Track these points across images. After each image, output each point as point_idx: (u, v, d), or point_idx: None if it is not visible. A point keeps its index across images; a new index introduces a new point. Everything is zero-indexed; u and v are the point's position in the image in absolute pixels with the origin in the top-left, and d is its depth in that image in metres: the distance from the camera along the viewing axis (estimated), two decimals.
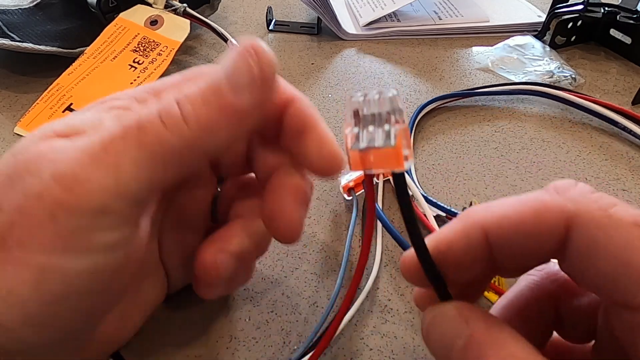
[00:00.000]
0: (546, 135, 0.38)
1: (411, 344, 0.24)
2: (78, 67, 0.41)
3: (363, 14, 0.53)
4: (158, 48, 0.41)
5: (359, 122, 0.15)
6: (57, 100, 0.39)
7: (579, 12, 0.47)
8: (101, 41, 0.42)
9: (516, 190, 0.33)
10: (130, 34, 0.42)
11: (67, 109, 0.38)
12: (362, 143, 0.15)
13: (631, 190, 0.33)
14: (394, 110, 0.15)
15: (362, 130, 0.15)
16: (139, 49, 0.41)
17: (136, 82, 0.39)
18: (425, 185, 0.33)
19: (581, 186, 0.15)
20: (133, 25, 0.43)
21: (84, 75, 0.40)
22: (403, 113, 0.15)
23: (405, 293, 0.26)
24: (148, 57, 0.41)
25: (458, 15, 0.53)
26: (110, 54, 0.41)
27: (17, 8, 0.45)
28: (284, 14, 0.56)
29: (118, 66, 0.40)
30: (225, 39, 0.41)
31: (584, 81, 0.44)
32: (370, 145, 0.14)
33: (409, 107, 0.41)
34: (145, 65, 0.40)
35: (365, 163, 0.15)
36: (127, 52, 0.41)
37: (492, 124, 0.39)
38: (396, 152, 0.14)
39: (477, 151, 0.36)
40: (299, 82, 0.44)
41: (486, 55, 0.47)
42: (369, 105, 0.15)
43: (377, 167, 0.14)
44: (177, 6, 0.43)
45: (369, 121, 0.15)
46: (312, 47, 0.50)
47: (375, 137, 0.14)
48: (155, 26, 0.42)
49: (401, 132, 0.14)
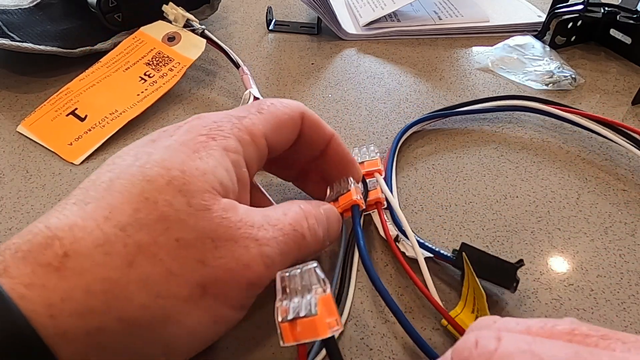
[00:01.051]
0: (546, 136, 0.38)
1: (411, 344, 0.24)
2: (91, 74, 0.41)
3: (363, 14, 0.53)
4: (171, 63, 0.41)
5: (286, 296, 0.18)
6: (63, 103, 0.39)
7: (579, 12, 0.47)
8: (118, 51, 0.42)
9: (516, 190, 0.33)
10: (147, 47, 0.43)
11: (71, 114, 0.38)
12: (290, 314, 0.17)
13: (631, 190, 0.33)
14: (318, 280, 0.17)
15: (289, 303, 0.17)
16: (152, 62, 0.42)
17: (143, 94, 0.40)
18: (425, 185, 0.33)
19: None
20: (151, 39, 0.43)
21: (94, 82, 0.40)
22: (327, 283, 0.17)
23: (405, 293, 0.26)
24: (160, 71, 0.41)
25: (458, 15, 0.53)
26: (123, 65, 0.42)
27: (17, 8, 0.45)
28: (284, 14, 0.56)
29: (129, 77, 0.41)
30: (238, 65, 0.42)
31: (584, 81, 0.44)
32: (295, 315, 0.16)
33: (409, 106, 0.41)
34: (155, 79, 0.40)
35: (295, 335, 0.16)
36: (140, 65, 0.42)
37: (492, 124, 0.39)
38: (319, 320, 0.16)
39: (477, 151, 0.36)
40: (299, 82, 0.44)
41: (486, 55, 0.47)
42: (294, 280, 0.18)
43: (304, 337, 0.16)
44: (197, 27, 0.43)
45: (294, 294, 0.17)
46: (312, 47, 0.50)
47: (300, 308, 0.16)
48: (172, 42, 0.43)
49: (322, 300, 0.16)
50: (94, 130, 0.37)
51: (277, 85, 0.44)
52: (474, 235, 0.30)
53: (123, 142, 0.37)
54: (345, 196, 0.24)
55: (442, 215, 0.31)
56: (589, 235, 0.30)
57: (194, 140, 0.20)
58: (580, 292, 0.27)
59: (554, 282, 0.27)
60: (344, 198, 0.24)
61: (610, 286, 0.27)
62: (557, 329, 0.14)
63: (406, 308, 0.25)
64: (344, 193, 0.24)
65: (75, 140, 0.37)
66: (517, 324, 0.15)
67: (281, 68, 0.46)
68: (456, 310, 0.24)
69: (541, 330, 0.14)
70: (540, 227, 0.30)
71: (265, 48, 0.49)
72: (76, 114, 0.38)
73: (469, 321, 0.24)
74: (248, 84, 0.40)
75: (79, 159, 0.36)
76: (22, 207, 0.32)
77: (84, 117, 0.38)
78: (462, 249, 0.26)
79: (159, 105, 0.40)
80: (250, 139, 0.22)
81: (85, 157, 0.36)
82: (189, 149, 0.19)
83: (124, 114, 0.38)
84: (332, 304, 0.17)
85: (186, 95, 0.43)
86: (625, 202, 0.32)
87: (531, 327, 0.15)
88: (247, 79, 0.40)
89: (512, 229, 0.30)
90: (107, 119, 0.38)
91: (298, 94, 0.43)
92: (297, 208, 0.22)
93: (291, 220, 0.21)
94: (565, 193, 0.32)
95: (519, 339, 0.14)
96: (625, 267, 0.28)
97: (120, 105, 0.39)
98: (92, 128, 0.37)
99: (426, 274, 0.26)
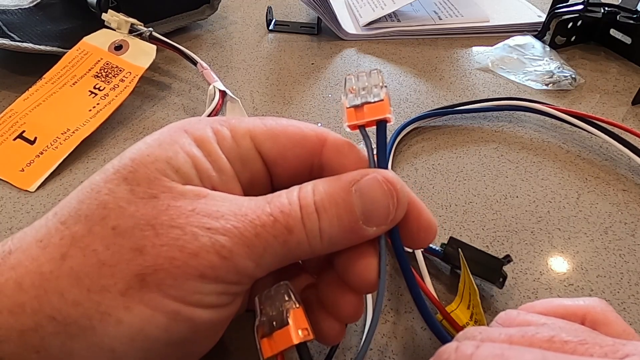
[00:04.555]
0: (546, 136, 0.38)
1: (411, 344, 0.24)
2: (35, 93, 0.38)
3: (363, 14, 0.53)
4: (121, 74, 0.39)
5: (263, 315, 0.18)
6: (9, 127, 0.36)
7: (579, 12, 0.47)
8: (61, 66, 0.40)
9: (516, 190, 0.33)
10: (93, 58, 0.40)
11: (19, 137, 0.36)
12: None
13: (631, 190, 0.33)
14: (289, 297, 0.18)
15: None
16: (100, 74, 0.39)
17: (95, 109, 0.37)
18: (425, 185, 0.33)
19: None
20: (96, 49, 0.41)
21: (40, 101, 0.38)
22: (297, 298, 0.18)
23: (405, 293, 0.26)
24: (110, 83, 0.39)
25: (458, 15, 0.53)
26: (70, 79, 0.39)
27: (17, 8, 0.45)
28: (284, 14, 0.56)
29: (77, 92, 0.38)
30: (195, 62, 0.40)
31: (584, 81, 0.44)
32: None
33: (409, 106, 0.41)
34: (107, 92, 0.38)
35: (272, 347, 0.17)
36: (88, 78, 0.39)
37: (492, 124, 0.39)
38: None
39: (477, 151, 0.36)
40: (299, 82, 0.44)
41: (486, 55, 0.47)
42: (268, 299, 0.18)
43: (280, 346, 0.17)
44: (143, 30, 0.41)
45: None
46: (312, 47, 0.50)
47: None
48: (120, 51, 0.40)
49: (293, 313, 0.17)
50: (46, 152, 0.35)
51: (277, 85, 0.44)
52: (474, 235, 0.30)
53: (80, 163, 0.35)
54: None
55: (442, 215, 0.31)
56: (589, 235, 0.30)
57: (166, 133, 0.19)
58: (580, 292, 0.27)
59: (554, 282, 0.27)
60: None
61: (610, 286, 0.27)
62: (537, 337, 0.15)
63: (407, 308, 0.26)
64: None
65: (27, 166, 0.34)
66: (499, 334, 0.16)
67: (281, 68, 0.46)
68: (452, 306, 0.25)
69: (522, 339, 0.15)
70: (540, 227, 0.30)
71: (265, 48, 0.49)
72: (24, 136, 0.36)
73: (464, 316, 0.24)
74: (210, 78, 0.38)
75: (33, 185, 0.33)
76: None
77: (33, 139, 0.35)
78: (450, 243, 0.26)
79: (117, 118, 0.38)
80: (229, 134, 0.19)
81: (40, 182, 0.33)
82: (155, 140, 0.18)
83: (77, 132, 0.36)
84: (303, 316, 0.18)
85: (146, 103, 0.41)
86: (625, 202, 0.32)
87: (512, 336, 0.16)
88: (208, 73, 0.38)
89: (512, 229, 0.30)
90: (59, 140, 0.35)
91: (298, 94, 0.43)
92: (294, 194, 0.18)
93: (273, 209, 0.17)
94: (565, 193, 0.32)
95: (495, 346, 0.15)
96: (625, 267, 0.28)
97: (71, 124, 0.36)
98: (43, 151, 0.35)
99: (423, 269, 0.26)
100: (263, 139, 0.20)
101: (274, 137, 0.20)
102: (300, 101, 0.42)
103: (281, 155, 0.20)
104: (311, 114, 0.40)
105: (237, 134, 0.19)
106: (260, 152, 0.20)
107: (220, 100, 0.37)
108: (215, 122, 0.19)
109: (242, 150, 0.19)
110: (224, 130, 0.19)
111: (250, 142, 0.19)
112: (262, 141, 0.20)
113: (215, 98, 0.37)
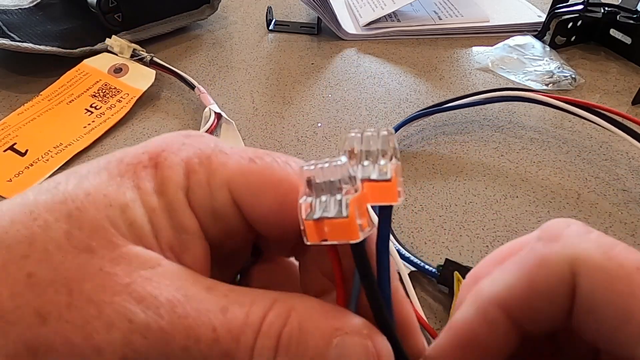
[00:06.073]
0: (546, 136, 0.38)
1: None
2: (30, 108, 0.39)
3: (363, 14, 0.53)
4: (119, 95, 0.40)
5: (312, 191, 0.14)
6: (0, 139, 0.37)
7: (579, 12, 0.47)
8: (60, 84, 0.41)
9: (516, 190, 0.33)
10: (92, 79, 0.41)
11: (10, 149, 0.36)
12: (316, 213, 0.14)
13: (631, 190, 0.33)
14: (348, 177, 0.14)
15: (315, 200, 0.14)
16: (98, 94, 0.40)
17: (90, 126, 0.38)
18: (425, 185, 0.33)
19: (574, 227, 0.14)
20: (96, 71, 0.42)
21: (34, 116, 0.38)
22: (358, 180, 0.14)
23: None
24: (107, 102, 0.39)
25: (458, 15, 0.53)
26: (67, 97, 0.40)
27: (17, 8, 0.45)
28: (284, 14, 0.56)
29: (73, 110, 0.39)
30: (193, 86, 0.41)
31: (584, 81, 0.44)
32: (322, 215, 0.14)
33: (409, 106, 0.41)
34: (103, 111, 0.39)
35: (320, 234, 0.14)
36: (85, 97, 0.40)
37: (492, 124, 0.39)
38: (349, 223, 0.13)
39: (477, 151, 0.36)
40: (299, 82, 0.44)
41: (486, 55, 0.47)
42: (322, 173, 0.14)
43: (332, 238, 0.14)
44: (144, 55, 0.42)
45: (321, 190, 0.14)
46: (312, 47, 0.50)
47: (328, 208, 0.14)
48: (120, 74, 0.41)
49: (353, 201, 0.13)
50: (37, 165, 0.35)
51: (277, 85, 0.44)
52: (474, 235, 0.30)
53: None
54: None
55: (442, 215, 0.31)
56: None
57: (135, 159, 0.15)
58: None
59: None
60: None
61: None
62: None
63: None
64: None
65: (15, 177, 0.34)
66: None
67: (281, 68, 0.46)
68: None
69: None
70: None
71: (265, 48, 0.49)
72: (15, 148, 0.36)
73: None
74: (207, 101, 0.39)
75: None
76: None
77: (24, 151, 0.36)
78: (447, 265, 0.26)
79: (111, 136, 0.38)
80: (205, 181, 0.15)
81: None
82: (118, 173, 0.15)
83: (70, 147, 0.36)
84: (364, 205, 0.14)
85: (141, 123, 0.40)
86: (625, 202, 0.32)
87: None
88: (205, 97, 0.39)
89: (512, 229, 0.30)
90: (51, 153, 0.36)
91: (298, 94, 0.43)
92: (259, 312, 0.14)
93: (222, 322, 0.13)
94: (565, 193, 0.32)
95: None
96: None
97: (65, 139, 0.37)
98: (33, 163, 0.35)
99: (411, 291, 0.26)
100: (245, 195, 0.16)
101: (258, 194, 0.16)
102: (300, 101, 0.42)
103: (264, 218, 0.16)
104: (311, 114, 0.40)
105: (215, 184, 0.15)
106: (239, 208, 0.16)
107: (215, 121, 0.38)
108: (196, 156, 0.16)
109: (216, 204, 0.16)
110: (200, 174, 0.15)
111: (229, 195, 0.16)
112: (243, 197, 0.16)
113: (210, 119, 0.37)
